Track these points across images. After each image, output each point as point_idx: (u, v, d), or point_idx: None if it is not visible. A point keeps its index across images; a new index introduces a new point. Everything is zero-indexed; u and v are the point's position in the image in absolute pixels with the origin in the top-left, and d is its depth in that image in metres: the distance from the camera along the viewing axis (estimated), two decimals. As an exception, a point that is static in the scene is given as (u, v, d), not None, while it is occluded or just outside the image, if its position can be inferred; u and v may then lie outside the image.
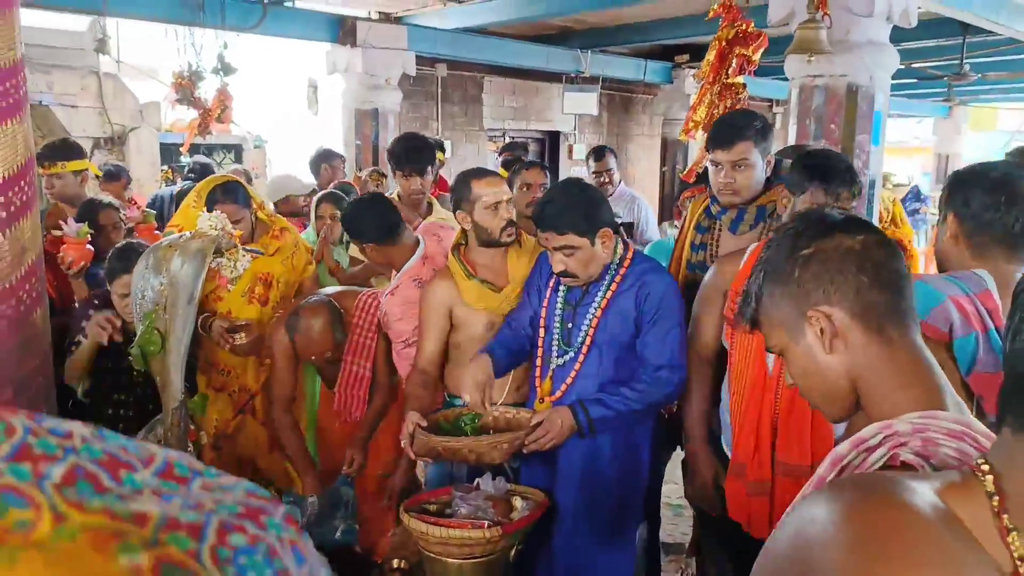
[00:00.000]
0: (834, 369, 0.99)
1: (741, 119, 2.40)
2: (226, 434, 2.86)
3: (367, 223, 2.54)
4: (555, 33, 7.01)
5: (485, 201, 2.30)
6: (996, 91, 10.15)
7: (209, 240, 1.96)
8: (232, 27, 4.88)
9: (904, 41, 4.82)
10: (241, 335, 2.63)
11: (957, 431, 0.87)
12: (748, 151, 2.33)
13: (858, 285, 0.97)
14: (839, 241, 0.99)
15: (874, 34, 3.57)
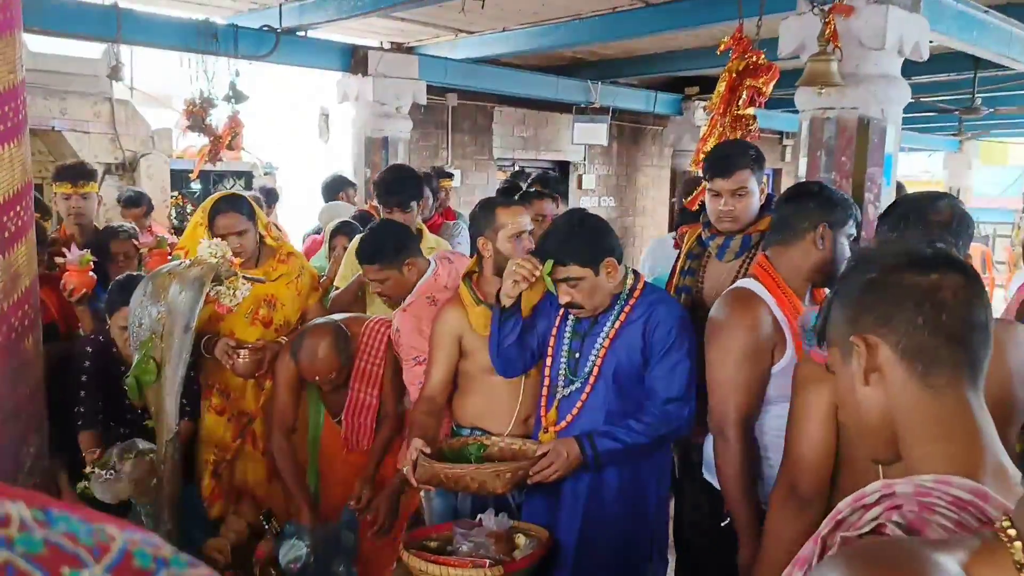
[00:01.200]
0: (868, 401, 0.96)
1: (738, 148, 2.44)
2: (226, 460, 2.82)
3: (383, 244, 2.54)
4: (566, 64, 7.06)
5: (509, 230, 2.30)
6: (1007, 125, 10.13)
7: (208, 267, 1.93)
8: (245, 55, 4.92)
9: (915, 75, 4.81)
10: (244, 353, 2.60)
11: (965, 500, 0.81)
12: (747, 179, 2.36)
13: (911, 323, 0.92)
14: (910, 274, 0.94)
15: (886, 67, 3.55)
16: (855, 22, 3.40)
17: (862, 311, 0.96)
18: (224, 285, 2.08)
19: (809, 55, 3.39)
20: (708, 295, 2.50)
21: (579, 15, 5.19)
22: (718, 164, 2.37)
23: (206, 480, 2.82)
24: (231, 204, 2.77)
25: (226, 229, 2.72)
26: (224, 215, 2.74)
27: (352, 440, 2.57)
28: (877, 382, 0.94)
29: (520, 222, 2.31)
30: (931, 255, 0.96)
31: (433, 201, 4.48)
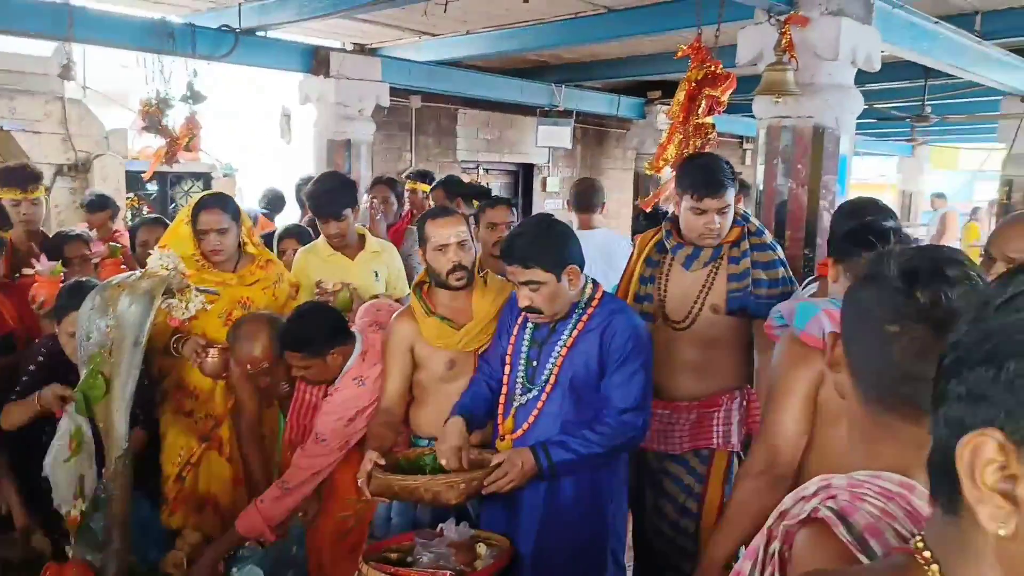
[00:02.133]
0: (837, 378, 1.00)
1: (721, 165, 2.46)
2: (191, 463, 2.78)
3: (309, 333, 2.37)
4: (530, 67, 7.07)
5: (433, 242, 2.30)
6: (957, 132, 10.44)
7: (159, 280, 1.89)
8: (203, 55, 4.83)
9: (869, 83, 4.92)
10: (214, 352, 2.58)
11: (893, 492, 0.86)
12: (731, 196, 2.42)
13: (860, 347, 0.95)
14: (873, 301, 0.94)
15: (839, 77, 3.63)
16: (810, 33, 3.47)
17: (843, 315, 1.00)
18: (176, 298, 2.04)
19: (766, 64, 3.46)
20: (671, 302, 2.52)
21: (543, 19, 5.21)
22: (709, 184, 2.37)
23: (170, 484, 2.80)
24: (217, 201, 2.77)
25: (208, 225, 2.72)
26: (208, 211, 2.73)
27: (297, 441, 2.55)
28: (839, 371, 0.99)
29: (442, 235, 2.28)
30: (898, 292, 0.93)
31: (398, 206, 4.45)
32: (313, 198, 3.24)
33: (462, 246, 2.30)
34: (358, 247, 3.23)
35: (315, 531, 2.51)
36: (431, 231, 2.32)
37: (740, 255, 2.44)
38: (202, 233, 2.71)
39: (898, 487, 0.87)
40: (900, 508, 0.85)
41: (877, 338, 0.92)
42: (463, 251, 2.30)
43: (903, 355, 0.90)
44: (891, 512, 0.84)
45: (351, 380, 2.43)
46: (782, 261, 2.47)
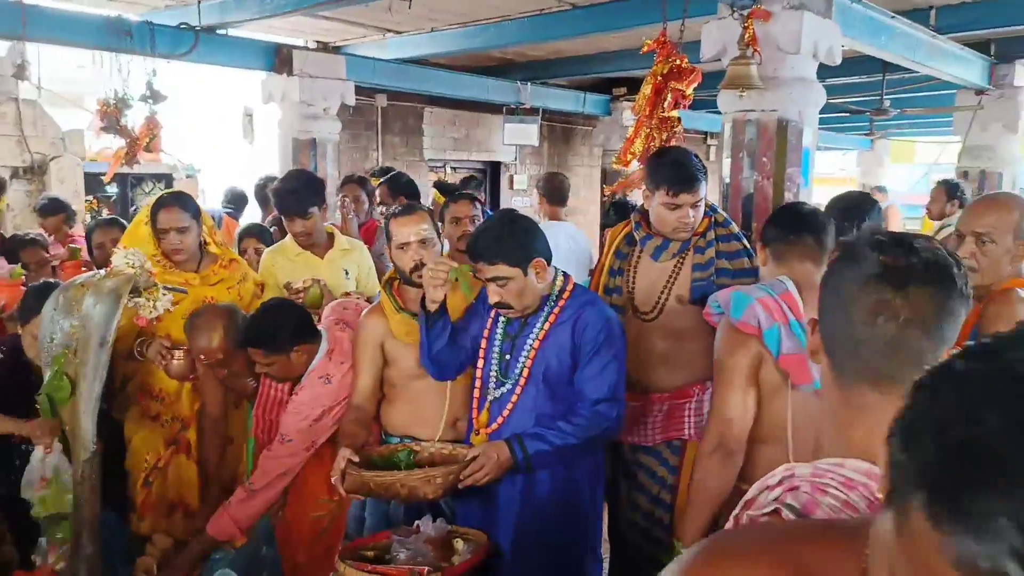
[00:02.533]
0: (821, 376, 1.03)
1: (693, 160, 2.47)
2: (158, 467, 2.74)
3: (272, 330, 2.36)
4: (496, 65, 7.07)
5: (395, 240, 2.29)
6: (915, 125, 10.68)
7: (124, 279, 1.85)
8: (162, 54, 4.73)
9: (829, 78, 5.01)
10: (179, 354, 2.54)
11: (856, 481, 0.87)
12: (704, 190, 2.45)
13: (834, 323, 0.96)
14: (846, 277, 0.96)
15: (802, 71, 3.68)
16: (772, 27, 3.52)
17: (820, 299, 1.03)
18: (143, 296, 2.00)
19: (730, 59, 3.50)
20: (639, 294, 2.54)
21: (508, 16, 5.20)
22: (685, 179, 2.38)
23: (138, 489, 2.75)
24: (176, 200, 2.73)
25: (167, 224, 2.68)
26: (167, 209, 2.69)
27: (264, 437, 2.52)
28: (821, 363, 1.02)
29: (403, 233, 2.27)
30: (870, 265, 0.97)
31: (369, 205, 4.42)
32: (279, 196, 3.19)
33: (424, 244, 2.29)
34: (327, 246, 3.19)
35: (287, 531, 2.48)
36: (393, 229, 2.31)
37: (705, 245, 2.46)
38: (162, 232, 2.67)
39: (863, 476, 0.88)
40: (863, 498, 0.86)
41: (845, 306, 0.95)
42: (425, 249, 2.28)
43: (868, 316, 0.93)
44: (853, 503, 0.85)
45: (317, 379, 2.40)
46: (747, 251, 2.49)
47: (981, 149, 6.45)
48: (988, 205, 1.95)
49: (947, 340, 0.94)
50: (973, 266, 1.87)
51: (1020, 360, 0.50)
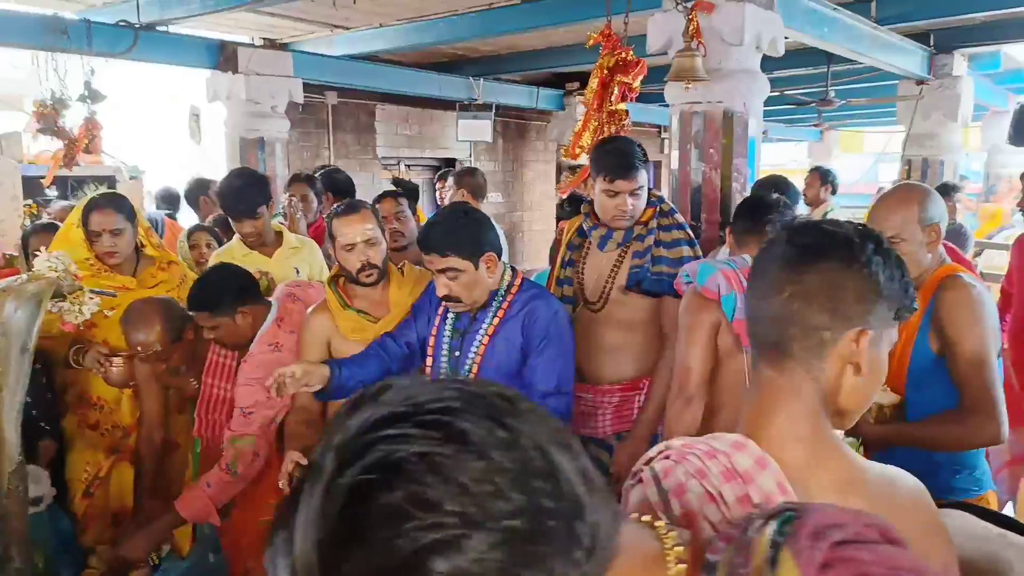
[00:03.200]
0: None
1: (633, 148, 2.47)
2: (99, 477, 2.66)
3: (215, 290, 2.35)
4: (447, 61, 7.03)
5: (340, 241, 2.25)
6: (862, 116, 10.92)
7: (47, 283, 1.78)
8: (100, 53, 4.60)
9: (776, 69, 5.09)
10: (119, 361, 2.47)
11: (718, 450, 0.91)
12: (643, 178, 2.45)
13: (748, 299, 1.04)
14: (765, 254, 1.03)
15: (746, 63, 3.73)
16: (716, 19, 3.55)
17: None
18: (68, 301, 1.93)
19: (675, 51, 3.52)
20: (588, 284, 2.55)
21: (456, 11, 5.17)
22: (620, 166, 2.40)
23: (78, 500, 2.68)
24: (109, 201, 2.67)
25: (100, 226, 2.62)
26: (100, 211, 2.63)
27: (207, 436, 2.48)
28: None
29: (348, 233, 2.23)
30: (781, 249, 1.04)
31: (318, 204, 4.34)
32: (225, 198, 3.12)
33: (369, 243, 2.25)
34: (275, 244, 3.16)
35: (235, 537, 2.43)
36: (337, 229, 2.27)
37: (646, 234, 2.48)
38: (95, 235, 2.61)
39: (727, 446, 0.92)
40: (719, 466, 0.89)
41: (754, 288, 1.02)
42: (371, 248, 2.25)
43: (764, 293, 0.99)
44: (705, 469, 0.88)
45: (266, 345, 2.36)
46: (689, 241, 2.50)
47: (924, 138, 6.62)
48: (889, 205, 1.95)
49: (847, 317, 0.95)
50: None
51: None
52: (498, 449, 0.53)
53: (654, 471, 0.92)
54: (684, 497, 0.87)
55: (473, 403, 0.56)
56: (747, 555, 0.67)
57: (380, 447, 0.53)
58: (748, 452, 0.91)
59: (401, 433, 0.53)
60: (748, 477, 0.89)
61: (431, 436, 0.52)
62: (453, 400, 0.56)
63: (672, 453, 0.93)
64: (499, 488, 0.52)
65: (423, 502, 0.50)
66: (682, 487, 0.88)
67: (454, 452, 0.52)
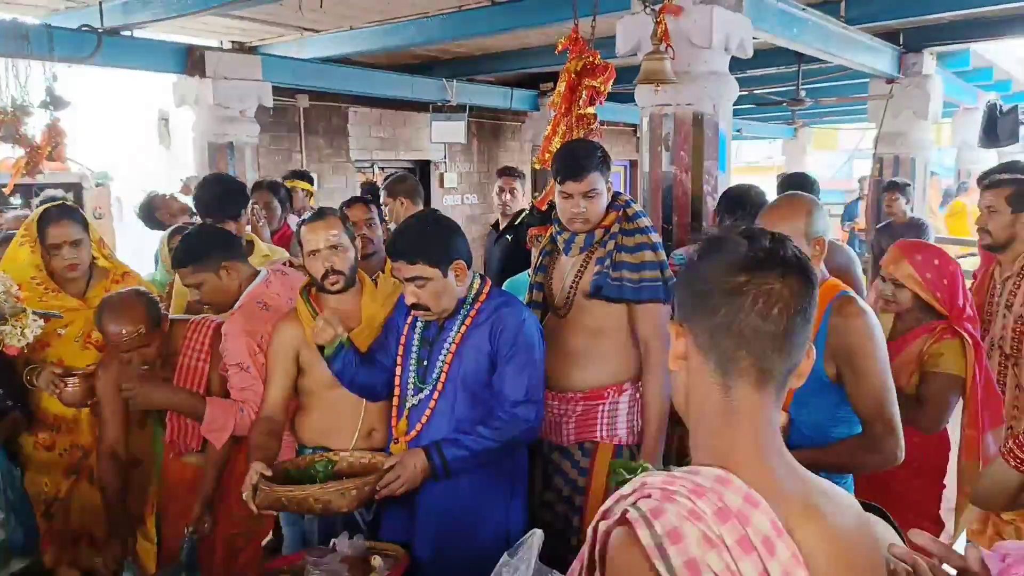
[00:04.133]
0: (673, 385, 1.04)
1: (586, 150, 2.44)
2: (58, 499, 2.59)
3: (196, 246, 2.43)
4: (420, 63, 6.98)
5: (307, 247, 2.24)
6: (835, 113, 11.02)
7: (-13, 305, 1.73)
8: (63, 58, 4.50)
9: (747, 69, 5.10)
10: (75, 380, 2.41)
11: (705, 488, 0.87)
12: (596, 181, 2.38)
13: (714, 324, 0.93)
14: (720, 273, 0.94)
15: (715, 65, 3.73)
16: (684, 22, 3.55)
17: (681, 300, 1.00)
18: (9, 324, 1.87)
19: (644, 54, 3.51)
20: (555, 290, 2.52)
21: (426, 13, 5.14)
22: (569, 168, 2.37)
23: (38, 519, 2.59)
24: (64, 212, 2.61)
25: (61, 238, 2.57)
26: (56, 224, 2.57)
27: (179, 442, 2.45)
28: (681, 368, 1.00)
29: (314, 239, 2.23)
30: (756, 255, 0.94)
31: (282, 210, 4.29)
32: (201, 203, 3.11)
33: (335, 249, 2.23)
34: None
35: (206, 551, 2.38)
36: (304, 235, 2.26)
37: (608, 238, 2.42)
38: (54, 248, 2.55)
39: (713, 483, 0.88)
40: (711, 505, 0.86)
41: (726, 298, 0.93)
42: (336, 255, 2.23)
43: (752, 306, 0.92)
44: (699, 512, 0.85)
45: (254, 302, 2.42)
46: (652, 245, 2.42)
47: (894, 136, 6.68)
48: (774, 217, 1.92)
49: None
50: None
51: None
52: None
53: (641, 511, 0.87)
54: (682, 545, 0.83)
55: None
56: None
57: None
58: (735, 488, 0.88)
59: None
60: (744, 517, 0.86)
61: None
62: None
63: (654, 491, 0.89)
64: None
65: None
66: (678, 533, 0.84)
67: None
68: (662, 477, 0.90)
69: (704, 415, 0.97)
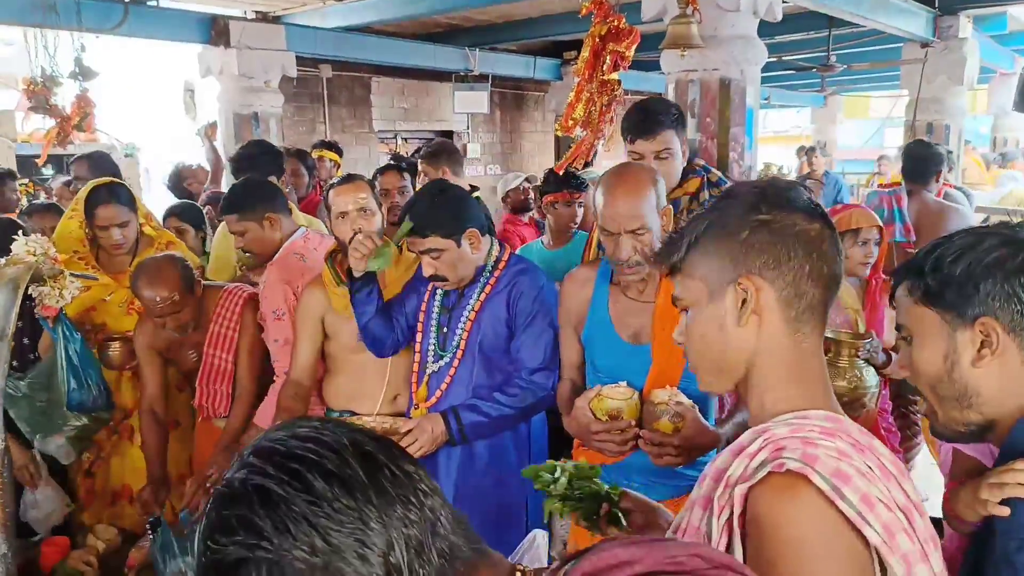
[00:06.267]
0: (737, 342, 0.96)
1: (660, 107, 2.32)
2: (100, 457, 2.68)
3: (243, 195, 2.53)
4: (442, 31, 6.93)
5: (334, 210, 2.25)
6: (867, 80, 10.75)
7: (25, 267, 1.77)
8: (90, 28, 4.54)
9: (775, 35, 5.00)
10: (116, 344, 2.51)
11: (830, 428, 0.88)
12: (670, 140, 2.28)
13: (799, 272, 0.94)
14: (798, 221, 0.95)
15: (742, 29, 3.66)
16: (711, -16, 3.48)
17: (753, 253, 0.95)
18: (48, 285, 1.92)
19: (670, 18, 3.45)
20: None
21: (448, -21, 5.09)
22: (640, 124, 2.25)
23: (79, 480, 2.71)
24: (112, 194, 2.67)
25: (108, 220, 2.65)
26: (105, 206, 2.64)
27: (208, 407, 2.53)
28: (752, 325, 0.95)
29: (341, 202, 2.24)
30: (811, 203, 0.97)
31: (309, 178, 4.32)
32: (236, 164, 3.24)
33: (362, 213, 2.24)
34: None
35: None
36: (333, 199, 2.28)
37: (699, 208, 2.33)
38: (101, 229, 2.65)
39: (832, 423, 0.89)
40: (845, 442, 0.87)
41: (811, 246, 0.95)
42: (363, 219, 2.24)
43: (832, 250, 0.96)
44: (842, 449, 0.86)
45: (292, 254, 2.51)
46: None
47: (928, 102, 6.50)
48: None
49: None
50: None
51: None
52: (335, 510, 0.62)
53: (799, 460, 0.83)
54: (851, 482, 0.82)
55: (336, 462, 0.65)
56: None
57: (243, 471, 0.64)
58: (848, 424, 0.91)
59: (259, 466, 0.64)
60: (872, 448, 0.89)
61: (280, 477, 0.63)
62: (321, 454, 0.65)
63: (788, 442, 0.86)
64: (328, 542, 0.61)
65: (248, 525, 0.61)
66: (842, 472, 0.83)
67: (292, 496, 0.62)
68: (784, 429, 0.89)
69: (776, 366, 0.96)
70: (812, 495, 0.81)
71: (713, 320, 0.97)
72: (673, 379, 1.75)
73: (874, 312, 2.56)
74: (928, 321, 1.06)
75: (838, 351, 2.34)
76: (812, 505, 0.81)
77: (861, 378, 2.33)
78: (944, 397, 1.07)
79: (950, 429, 1.09)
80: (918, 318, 1.08)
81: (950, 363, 1.04)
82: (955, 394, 1.05)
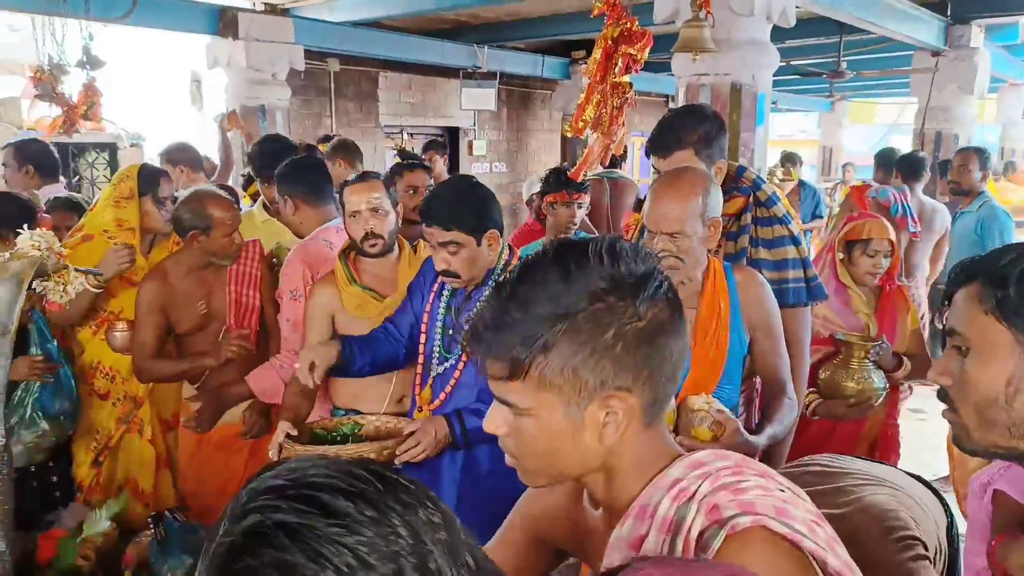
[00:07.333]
0: (590, 453, 0.85)
1: (682, 123, 2.07)
2: (108, 447, 2.66)
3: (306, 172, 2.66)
4: (450, 28, 6.91)
5: (348, 208, 2.23)
6: (874, 86, 10.73)
7: (28, 262, 1.75)
8: (98, 17, 4.52)
9: (786, 40, 4.98)
10: (123, 326, 2.53)
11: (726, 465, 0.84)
12: (688, 160, 2.01)
13: (668, 374, 0.84)
14: (663, 315, 0.83)
15: (755, 33, 3.64)
16: (725, -12, 3.46)
17: (621, 366, 0.82)
18: (52, 280, 1.90)
19: (683, 21, 3.43)
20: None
21: (458, -24, 5.07)
22: (655, 140, 2.08)
23: (85, 470, 2.69)
24: (167, 176, 2.80)
25: (168, 193, 2.74)
26: (167, 181, 2.76)
27: (239, 313, 2.60)
28: (610, 436, 0.84)
29: (356, 200, 2.22)
30: (661, 282, 0.85)
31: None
32: (255, 159, 3.23)
33: (375, 212, 2.22)
34: None
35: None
36: (346, 196, 2.26)
37: (739, 231, 2.09)
38: (160, 203, 2.74)
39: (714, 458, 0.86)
40: (750, 472, 0.83)
41: (671, 340, 0.85)
42: (376, 218, 2.22)
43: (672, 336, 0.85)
44: (759, 484, 0.82)
45: (320, 239, 2.55)
46: (793, 238, 2.06)
47: (938, 110, 6.49)
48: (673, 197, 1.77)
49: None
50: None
51: None
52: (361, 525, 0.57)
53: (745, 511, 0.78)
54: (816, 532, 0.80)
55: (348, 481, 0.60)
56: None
57: (254, 515, 0.58)
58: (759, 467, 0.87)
59: (272, 504, 0.58)
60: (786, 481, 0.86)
61: (297, 508, 0.57)
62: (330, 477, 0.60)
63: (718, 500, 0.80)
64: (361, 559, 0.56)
65: (282, 566, 0.55)
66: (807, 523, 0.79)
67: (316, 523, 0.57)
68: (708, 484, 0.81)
69: (628, 457, 0.88)
70: (776, 542, 0.76)
71: (563, 436, 0.84)
72: (708, 387, 1.73)
73: (885, 317, 2.57)
74: (998, 337, 0.92)
75: (849, 353, 2.38)
76: (779, 552, 0.76)
77: (869, 380, 2.38)
78: (992, 421, 0.95)
79: (985, 452, 0.99)
80: (984, 330, 0.94)
81: (1013, 389, 0.92)
82: (1008, 422, 0.93)
